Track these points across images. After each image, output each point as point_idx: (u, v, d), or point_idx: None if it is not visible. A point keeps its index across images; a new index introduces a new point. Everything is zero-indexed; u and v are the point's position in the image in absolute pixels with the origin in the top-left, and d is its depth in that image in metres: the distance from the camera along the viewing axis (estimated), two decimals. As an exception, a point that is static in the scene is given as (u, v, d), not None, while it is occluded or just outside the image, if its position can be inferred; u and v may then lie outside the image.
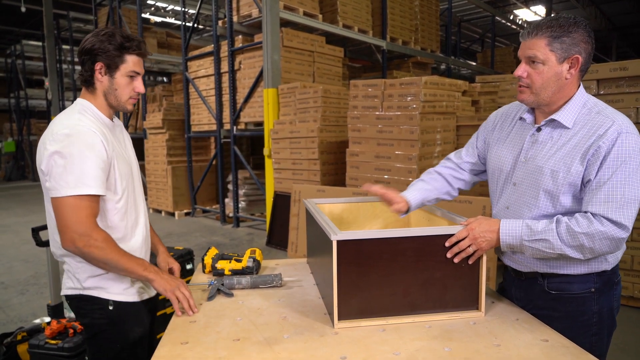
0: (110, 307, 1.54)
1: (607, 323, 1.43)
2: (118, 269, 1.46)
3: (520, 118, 1.51)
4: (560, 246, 1.29)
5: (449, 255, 1.38)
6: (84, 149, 1.40)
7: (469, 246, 1.37)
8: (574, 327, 1.39)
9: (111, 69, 1.51)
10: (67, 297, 1.58)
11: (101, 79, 1.52)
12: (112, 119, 1.62)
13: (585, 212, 1.30)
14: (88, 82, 1.53)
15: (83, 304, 1.55)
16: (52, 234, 1.53)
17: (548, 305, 1.44)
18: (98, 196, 1.45)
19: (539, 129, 1.43)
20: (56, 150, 1.39)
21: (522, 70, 1.37)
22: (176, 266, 1.80)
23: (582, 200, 1.34)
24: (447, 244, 1.38)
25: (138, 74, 1.55)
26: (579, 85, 1.40)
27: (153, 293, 1.69)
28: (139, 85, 1.56)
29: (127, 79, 1.53)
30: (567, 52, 1.31)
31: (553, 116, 1.39)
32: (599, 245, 1.27)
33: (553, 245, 1.30)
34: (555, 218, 1.33)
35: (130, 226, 1.58)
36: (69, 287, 1.56)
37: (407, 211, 1.68)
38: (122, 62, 1.51)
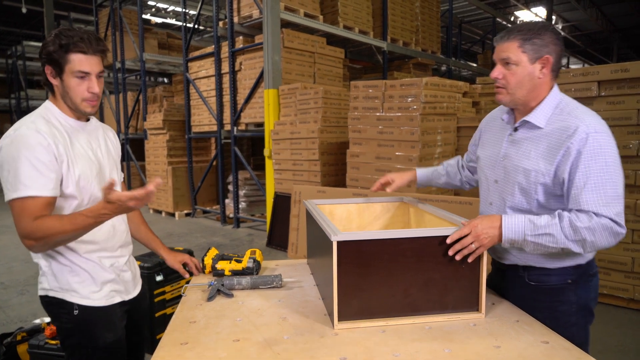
0: (76, 312, 1.49)
1: (586, 314, 1.50)
2: (75, 235, 1.37)
3: (502, 119, 1.61)
4: (564, 240, 1.32)
5: (450, 252, 1.38)
6: (23, 150, 1.35)
7: (471, 243, 1.37)
8: (555, 317, 1.46)
9: (58, 71, 1.43)
10: (40, 297, 1.54)
11: (55, 82, 1.46)
12: (84, 120, 1.56)
13: (580, 210, 1.33)
14: (48, 86, 1.49)
15: (52, 307, 1.52)
16: None
17: (529, 295, 1.52)
18: (43, 197, 1.36)
19: (515, 129, 1.52)
20: (1, 157, 1.38)
21: (497, 72, 1.46)
22: (187, 257, 1.89)
23: (554, 196, 1.42)
24: (448, 241, 1.37)
25: (87, 73, 1.44)
26: (553, 85, 1.47)
27: (130, 296, 1.64)
28: (92, 85, 1.45)
29: (76, 80, 1.43)
30: (538, 52, 1.40)
31: (526, 118, 1.47)
32: (600, 238, 1.30)
33: (557, 239, 1.32)
34: (556, 213, 1.36)
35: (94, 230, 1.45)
36: (40, 287, 1.53)
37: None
38: (66, 62, 1.42)
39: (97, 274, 1.53)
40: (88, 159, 1.52)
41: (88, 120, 1.59)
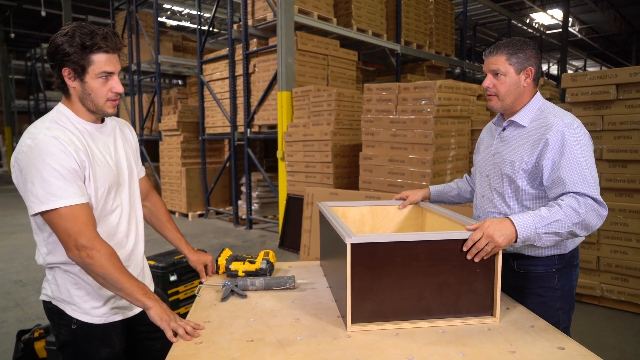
0: (74, 326, 1.46)
1: (569, 300, 1.67)
2: (116, 287, 1.35)
3: (492, 123, 1.82)
4: (569, 224, 1.40)
5: (469, 257, 1.38)
6: (46, 159, 1.30)
7: (486, 245, 1.37)
8: (542, 302, 1.62)
9: (79, 73, 1.36)
10: (42, 302, 1.54)
11: (73, 85, 1.39)
12: (100, 121, 1.51)
13: (563, 194, 1.46)
14: (62, 89, 1.41)
15: (53, 315, 1.51)
16: (37, 244, 1.52)
17: (518, 283, 1.67)
18: (81, 204, 1.34)
19: (503, 129, 1.72)
20: (20, 165, 1.34)
21: (488, 82, 1.66)
22: (210, 259, 1.86)
23: (535, 183, 1.58)
24: (464, 249, 1.38)
25: (111, 73, 1.39)
26: (535, 92, 1.68)
27: (133, 313, 1.59)
28: (115, 85, 1.41)
29: (100, 81, 1.38)
30: (522, 65, 1.61)
31: (512, 118, 1.67)
32: (589, 217, 1.42)
33: (564, 223, 1.40)
34: (551, 203, 1.46)
35: (106, 236, 1.45)
36: (44, 293, 1.52)
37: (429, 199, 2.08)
38: (89, 63, 1.35)
39: (102, 289, 1.46)
40: (106, 165, 1.47)
41: (103, 121, 1.53)
